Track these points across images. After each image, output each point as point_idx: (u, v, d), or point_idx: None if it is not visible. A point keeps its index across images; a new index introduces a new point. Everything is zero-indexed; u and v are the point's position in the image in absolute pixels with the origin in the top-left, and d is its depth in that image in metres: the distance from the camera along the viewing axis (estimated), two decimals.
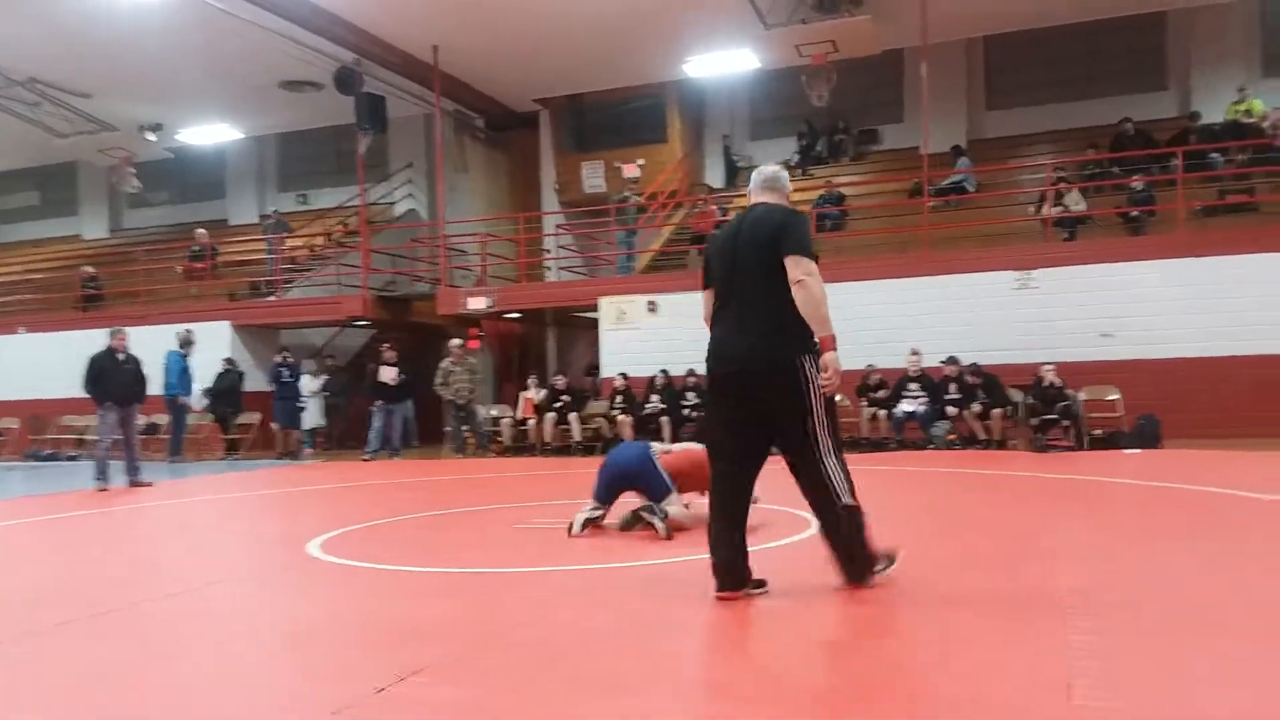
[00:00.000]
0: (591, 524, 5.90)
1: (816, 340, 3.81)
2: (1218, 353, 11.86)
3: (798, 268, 3.77)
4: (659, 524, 5.60)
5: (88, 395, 10.41)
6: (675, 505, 5.81)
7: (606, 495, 6.03)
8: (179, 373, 14.63)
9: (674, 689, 2.90)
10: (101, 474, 10.18)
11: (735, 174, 19.19)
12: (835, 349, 3.80)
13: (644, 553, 5.21)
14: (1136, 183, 13.69)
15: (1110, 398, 11.99)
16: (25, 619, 4.08)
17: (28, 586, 4.95)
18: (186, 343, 14.92)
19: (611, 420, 13.49)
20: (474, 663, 3.21)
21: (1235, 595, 3.88)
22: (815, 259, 3.83)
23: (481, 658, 3.26)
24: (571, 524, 5.87)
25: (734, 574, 3.97)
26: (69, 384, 10.93)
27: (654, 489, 5.85)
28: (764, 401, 3.90)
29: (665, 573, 4.73)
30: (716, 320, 4.04)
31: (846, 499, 3.97)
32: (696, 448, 6.07)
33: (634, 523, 5.80)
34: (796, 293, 3.75)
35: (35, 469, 14.67)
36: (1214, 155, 14.24)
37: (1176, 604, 3.74)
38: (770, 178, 4.17)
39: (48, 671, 3.35)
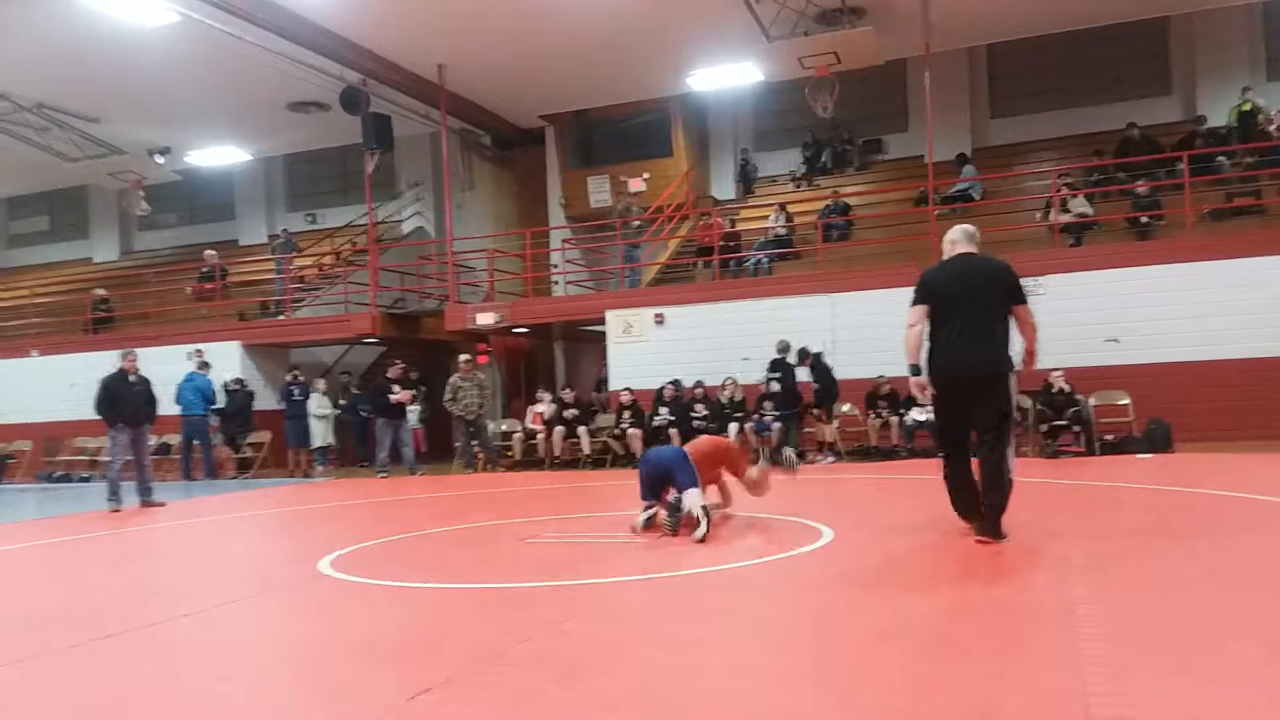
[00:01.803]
0: (650, 523, 6.26)
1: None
2: (1227, 355, 11.82)
3: (1028, 313, 5.45)
4: (703, 522, 5.94)
5: (99, 417, 10.48)
6: (698, 499, 6.13)
7: (652, 492, 6.40)
8: (208, 393, 14.94)
9: (675, 705, 2.90)
10: (114, 495, 10.23)
11: (752, 185, 19.22)
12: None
13: (653, 566, 5.21)
14: (1142, 188, 13.66)
15: (1120, 402, 11.95)
16: (35, 641, 4.10)
17: (39, 608, 4.97)
18: (205, 364, 15.23)
19: (620, 436, 13.49)
20: (483, 680, 3.21)
21: (1248, 600, 3.86)
22: None
23: (490, 675, 3.26)
24: (634, 525, 6.26)
25: (976, 509, 5.38)
26: (81, 406, 11.00)
27: (681, 480, 6.20)
28: (981, 398, 5.32)
29: (673, 587, 4.73)
30: (940, 335, 5.39)
31: (1011, 475, 5.42)
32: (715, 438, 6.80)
33: (674, 522, 6.13)
34: (1030, 330, 5.48)
35: (48, 490, 14.74)
36: (1220, 159, 14.21)
37: (1189, 611, 3.72)
38: (972, 234, 5.64)
39: (54, 694, 3.36)
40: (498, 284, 16.92)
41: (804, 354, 12.87)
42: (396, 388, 13.74)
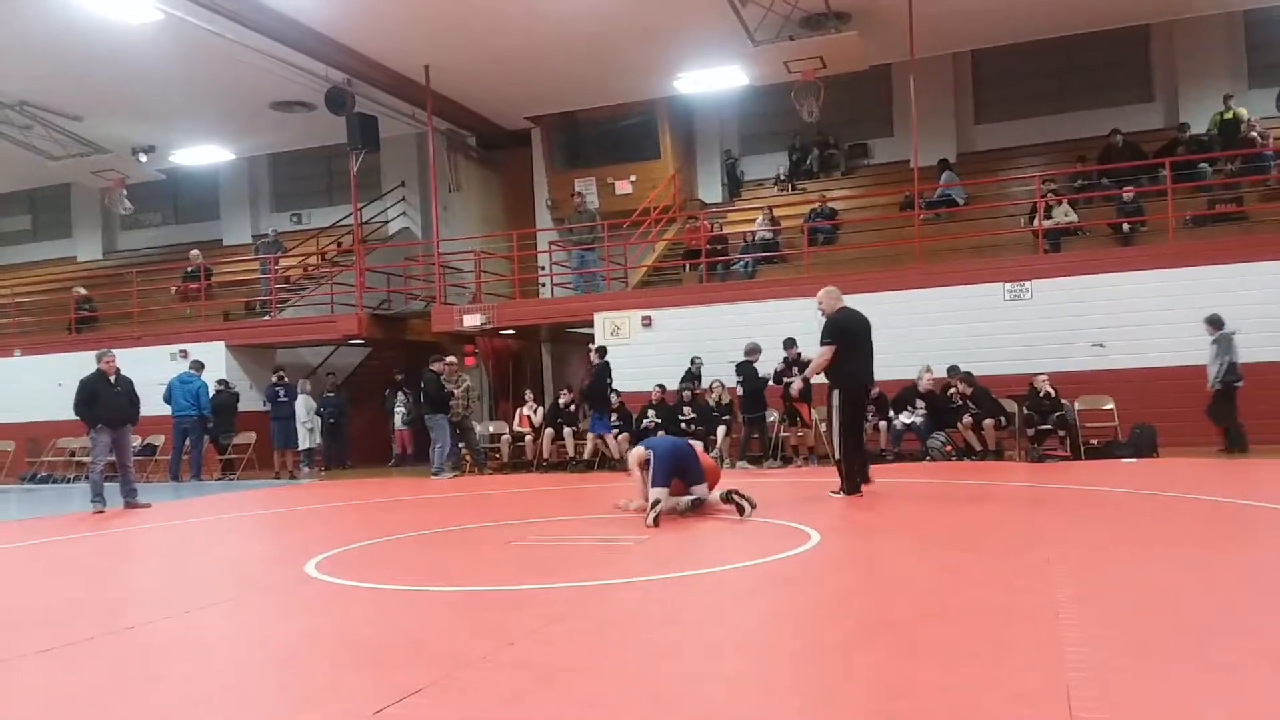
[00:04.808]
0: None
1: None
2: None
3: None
4: (746, 506, 6.89)
5: (79, 418, 10.39)
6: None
7: (669, 480, 7.13)
8: (204, 397, 14.97)
9: (658, 709, 2.91)
10: (97, 496, 10.15)
11: (739, 188, 19.22)
12: None
13: (638, 569, 5.22)
14: (1126, 194, 13.76)
15: (1105, 407, 12.02)
16: (7, 644, 4.04)
17: (15, 612, 4.92)
18: (199, 364, 15.15)
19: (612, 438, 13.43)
20: (469, 683, 3.21)
21: (1230, 605, 3.89)
22: None
23: (476, 677, 3.26)
24: (652, 514, 6.84)
25: (865, 478, 8.22)
26: (64, 406, 10.91)
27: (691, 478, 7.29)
28: (870, 400, 8.93)
29: (658, 590, 4.73)
30: (851, 361, 8.04)
31: None
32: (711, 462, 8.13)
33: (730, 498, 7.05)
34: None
35: (31, 491, 14.62)
36: (1202, 166, 14.32)
37: (1172, 615, 3.75)
38: (840, 293, 8.45)
39: (24, 699, 3.30)
40: (485, 285, 16.90)
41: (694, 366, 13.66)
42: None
